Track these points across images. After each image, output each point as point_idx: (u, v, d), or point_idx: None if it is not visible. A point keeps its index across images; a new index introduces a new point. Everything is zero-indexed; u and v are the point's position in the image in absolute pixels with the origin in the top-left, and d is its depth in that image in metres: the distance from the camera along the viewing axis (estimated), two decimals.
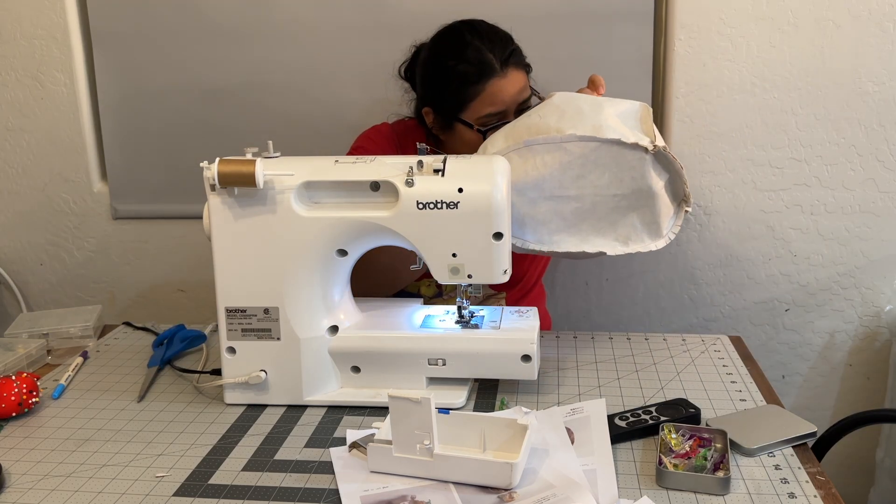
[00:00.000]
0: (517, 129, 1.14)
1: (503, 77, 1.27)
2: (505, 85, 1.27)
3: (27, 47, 1.72)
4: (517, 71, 1.29)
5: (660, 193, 1.14)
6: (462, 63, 1.27)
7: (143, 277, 1.85)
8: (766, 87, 1.58)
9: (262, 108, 1.69)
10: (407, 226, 1.04)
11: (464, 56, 1.27)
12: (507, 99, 1.27)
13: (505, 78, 1.27)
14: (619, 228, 1.15)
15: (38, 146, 1.78)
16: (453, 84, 1.28)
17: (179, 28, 1.66)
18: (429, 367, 1.09)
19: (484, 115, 1.28)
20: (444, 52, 1.30)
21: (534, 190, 1.13)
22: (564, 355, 1.26)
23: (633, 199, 1.13)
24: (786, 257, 1.67)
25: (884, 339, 1.70)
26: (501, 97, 1.27)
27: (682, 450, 0.91)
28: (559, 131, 1.10)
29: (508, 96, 1.27)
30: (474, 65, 1.26)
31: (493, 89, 1.27)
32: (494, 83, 1.26)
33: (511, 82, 1.27)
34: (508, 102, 1.28)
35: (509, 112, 1.29)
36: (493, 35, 1.30)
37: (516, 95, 1.28)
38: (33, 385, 1.11)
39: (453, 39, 1.30)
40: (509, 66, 1.27)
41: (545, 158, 1.11)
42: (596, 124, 1.10)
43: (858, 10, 1.52)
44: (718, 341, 1.30)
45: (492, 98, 1.27)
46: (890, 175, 1.60)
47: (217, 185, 1.03)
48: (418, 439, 0.88)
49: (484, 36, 1.29)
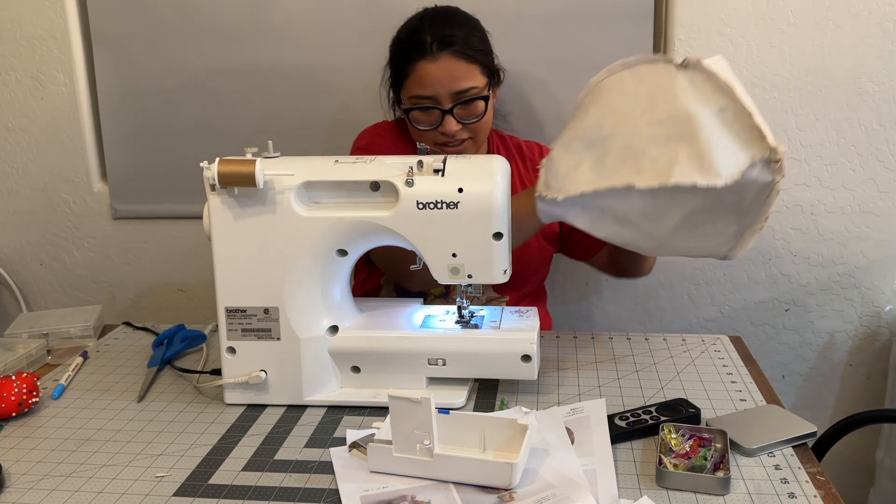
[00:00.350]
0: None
1: (433, 60, 1.27)
2: (432, 69, 1.27)
3: (27, 47, 1.72)
4: (454, 58, 1.28)
5: (704, 122, 0.95)
6: (402, 42, 1.32)
7: (143, 277, 1.85)
8: (766, 87, 1.57)
9: (262, 108, 1.69)
10: (407, 226, 1.03)
11: (406, 34, 1.32)
12: (434, 83, 1.27)
13: (435, 62, 1.27)
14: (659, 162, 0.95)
15: (38, 146, 1.78)
16: (397, 61, 1.33)
17: (179, 28, 1.66)
18: (429, 367, 1.09)
19: (413, 94, 1.30)
20: (401, 29, 1.35)
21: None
22: (564, 355, 1.26)
23: (671, 126, 0.96)
24: (786, 257, 1.67)
25: (884, 339, 1.70)
26: (428, 80, 1.27)
27: (682, 450, 0.91)
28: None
29: (435, 80, 1.27)
30: (409, 44, 1.30)
31: (420, 71, 1.28)
32: (423, 65, 1.27)
33: (440, 67, 1.27)
34: (436, 88, 1.28)
35: (440, 99, 1.29)
36: (445, 20, 1.31)
37: (445, 82, 1.27)
38: (33, 385, 1.11)
39: (411, 19, 1.35)
40: (444, 51, 1.27)
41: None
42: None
43: (858, 10, 1.52)
44: (718, 341, 1.30)
45: (419, 79, 1.28)
46: (890, 175, 1.60)
47: (217, 185, 1.03)
48: (418, 439, 0.88)
49: (435, 19, 1.31)
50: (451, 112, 1.29)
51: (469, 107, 1.30)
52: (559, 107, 1.61)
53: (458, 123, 1.31)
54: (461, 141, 1.34)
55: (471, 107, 1.31)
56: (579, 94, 1.08)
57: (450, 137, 1.32)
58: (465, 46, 1.29)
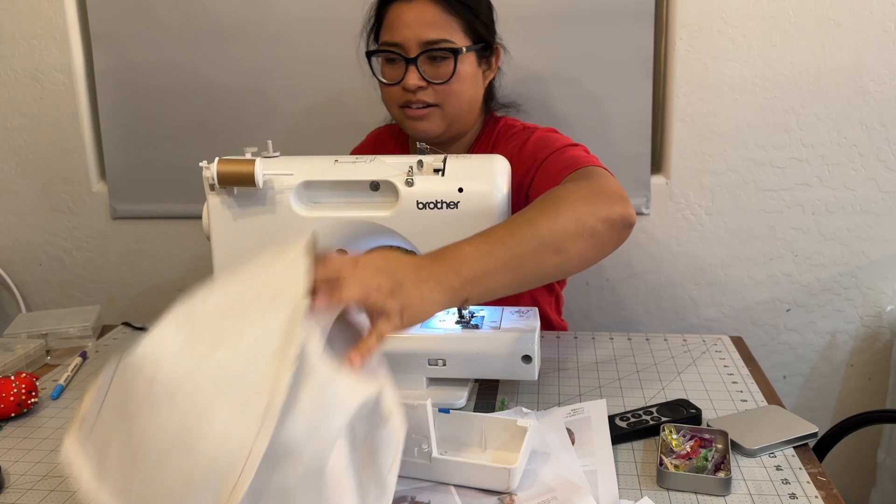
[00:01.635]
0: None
1: (407, 3, 1.17)
2: (404, 10, 1.17)
3: (27, 47, 1.72)
4: (431, 4, 1.17)
5: None
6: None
7: (142, 278, 1.84)
8: (767, 87, 1.57)
9: (262, 108, 1.69)
10: (407, 226, 1.03)
11: None
12: (403, 27, 1.17)
13: (409, 4, 1.17)
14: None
15: (38, 146, 1.78)
16: (374, 9, 1.24)
17: (179, 28, 1.66)
18: (429, 367, 1.09)
19: (382, 40, 1.21)
20: None
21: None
22: (565, 355, 1.25)
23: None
24: (787, 257, 1.67)
25: (885, 339, 1.69)
26: (397, 23, 1.18)
27: (682, 450, 0.91)
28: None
29: (403, 23, 1.17)
30: None
31: (392, 13, 1.19)
32: (396, 7, 1.19)
33: (413, 10, 1.17)
34: (405, 33, 1.17)
35: (408, 48, 1.18)
36: None
37: (415, 27, 1.17)
38: (32, 385, 1.10)
39: None
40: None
41: None
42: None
43: (860, 9, 1.52)
44: (719, 341, 1.30)
45: (390, 23, 1.19)
46: (891, 175, 1.60)
47: (216, 185, 1.03)
48: (416, 443, 0.87)
49: None
50: (414, 62, 1.17)
51: (438, 65, 1.19)
52: (559, 106, 1.61)
53: (421, 79, 1.18)
54: (425, 104, 1.20)
55: (440, 65, 1.19)
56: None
57: (411, 94, 1.19)
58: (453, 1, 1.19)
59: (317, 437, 0.68)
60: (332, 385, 0.70)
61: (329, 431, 0.69)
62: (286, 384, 0.65)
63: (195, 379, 0.67)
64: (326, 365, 0.71)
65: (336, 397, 0.70)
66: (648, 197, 1.64)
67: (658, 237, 1.68)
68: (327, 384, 0.70)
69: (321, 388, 0.69)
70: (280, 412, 0.65)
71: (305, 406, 0.68)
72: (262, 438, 0.64)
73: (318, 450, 0.68)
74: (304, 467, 0.68)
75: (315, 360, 0.70)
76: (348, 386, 0.72)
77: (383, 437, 0.74)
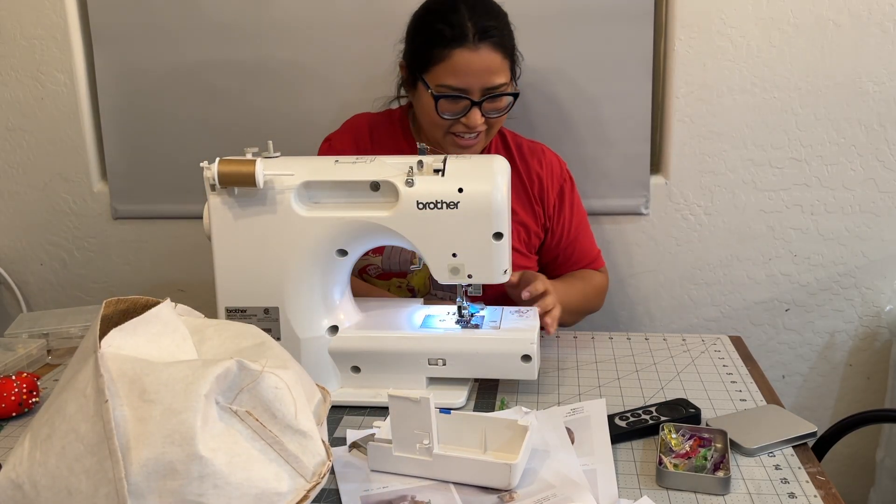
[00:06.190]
0: None
1: (473, 50, 1.22)
2: (472, 58, 1.22)
3: (27, 47, 1.72)
4: (492, 51, 1.23)
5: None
6: (440, 22, 1.24)
7: (143, 277, 1.84)
8: (766, 87, 1.57)
9: (262, 108, 1.69)
10: (407, 226, 1.03)
11: (444, 16, 1.24)
12: (470, 74, 1.22)
13: (475, 52, 1.22)
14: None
15: (38, 146, 1.78)
16: (426, 41, 1.26)
17: (179, 28, 1.66)
18: (429, 367, 1.09)
19: (443, 83, 1.24)
20: (432, 6, 1.29)
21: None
22: (564, 355, 1.26)
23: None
24: (786, 257, 1.67)
25: (884, 339, 1.70)
26: (464, 70, 1.22)
27: (682, 450, 0.91)
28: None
29: (472, 72, 1.22)
30: (449, 26, 1.23)
31: (458, 58, 1.22)
32: (461, 53, 1.22)
33: (480, 58, 1.22)
34: (471, 80, 1.23)
35: (471, 91, 1.24)
36: (483, 7, 1.26)
37: (482, 75, 1.23)
38: (33, 385, 1.10)
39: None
40: (485, 42, 1.22)
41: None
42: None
43: (858, 9, 1.52)
44: (719, 341, 1.30)
45: (454, 67, 1.22)
46: (890, 175, 1.60)
47: (217, 185, 1.03)
48: (418, 439, 0.88)
49: (474, 5, 1.25)
50: (479, 105, 1.25)
51: (496, 101, 1.27)
52: (558, 106, 1.61)
53: (482, 116, 1.26)
54: (477, 133, 1.29)
55: (498, 102, 1.27)
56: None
57: (469, 129, 1.28)
58: (502, 39, 1.25)
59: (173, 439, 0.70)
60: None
61: (183, 422, 0.70)
62: (112, 426, 0.69)
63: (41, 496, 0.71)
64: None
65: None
66: (647, 197, 1.65)
67: (657, 237, 1.68)
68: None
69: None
70: (121, 451, 0.69)
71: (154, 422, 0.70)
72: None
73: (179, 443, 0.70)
74: (182, 467, 0.69)
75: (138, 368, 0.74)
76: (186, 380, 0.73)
77: (268, 391, 0.76)
